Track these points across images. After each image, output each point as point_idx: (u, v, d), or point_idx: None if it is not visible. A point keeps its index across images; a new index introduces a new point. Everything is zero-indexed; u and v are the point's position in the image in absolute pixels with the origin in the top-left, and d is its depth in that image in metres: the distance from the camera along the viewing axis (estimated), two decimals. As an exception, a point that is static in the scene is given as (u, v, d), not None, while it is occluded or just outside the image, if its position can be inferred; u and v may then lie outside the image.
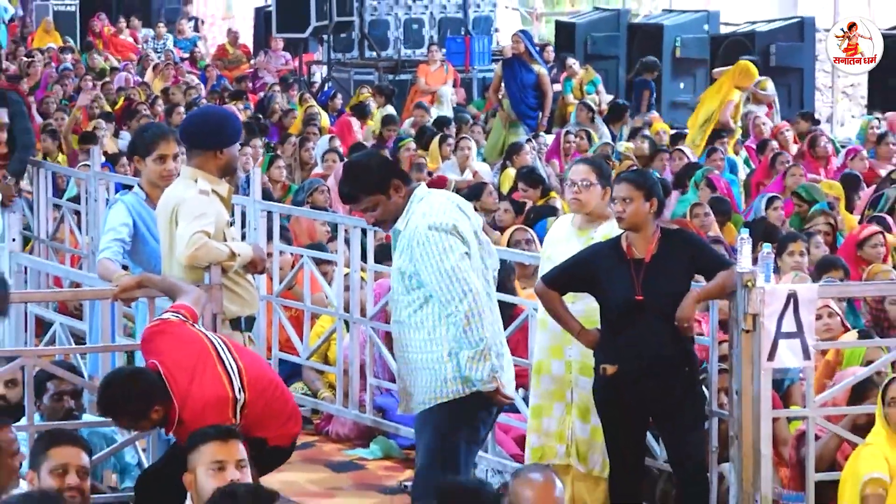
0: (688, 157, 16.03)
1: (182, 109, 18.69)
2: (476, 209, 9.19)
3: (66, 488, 6.19)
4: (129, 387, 7.07)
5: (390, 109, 20.45)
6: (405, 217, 7.41)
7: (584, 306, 8.26)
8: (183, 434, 6.97)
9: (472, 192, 13.58)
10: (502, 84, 19.57)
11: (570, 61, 22.59)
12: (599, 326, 8.14)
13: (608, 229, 8.43)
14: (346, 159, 14.11)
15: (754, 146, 17.77)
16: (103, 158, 14.23)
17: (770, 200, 13.62)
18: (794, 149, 17.23)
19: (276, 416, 7.47)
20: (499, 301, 7.84)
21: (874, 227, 11.69)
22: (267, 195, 12.57)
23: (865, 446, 7.84)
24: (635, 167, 14.21)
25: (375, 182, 7.45)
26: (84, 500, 6.34)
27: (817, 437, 8.34)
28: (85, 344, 9.24)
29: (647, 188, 8.02)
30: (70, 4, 31.54)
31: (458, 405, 7.42)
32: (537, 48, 21.87)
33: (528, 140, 17.83)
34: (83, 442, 6.59)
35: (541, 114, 19.53)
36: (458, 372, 7.32)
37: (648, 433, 8.39)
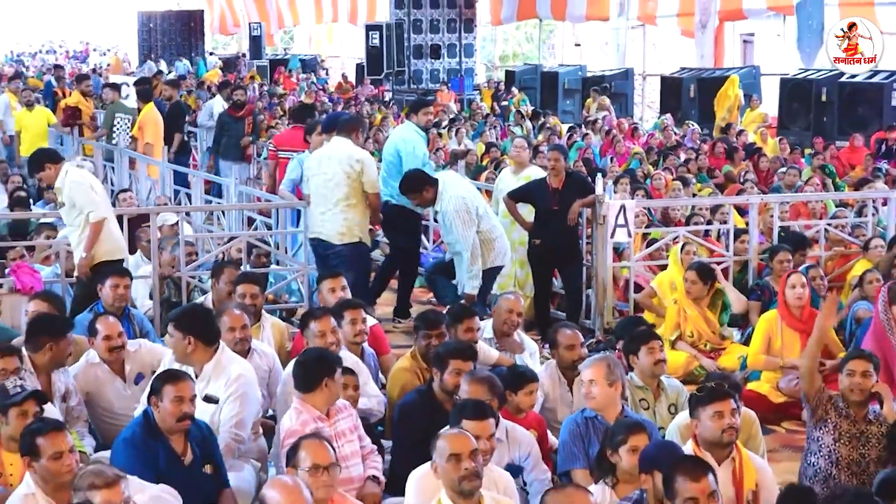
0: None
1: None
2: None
3: (245, 304, 5.86)
4: None
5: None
6: (439, 202, 7.25)
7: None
8: None
9: (462, 154, 13.30)
10: None
11: (514, 90, 22.07)
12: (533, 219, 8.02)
13: (527, 173, 8.33)
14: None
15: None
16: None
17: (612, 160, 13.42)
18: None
19: None
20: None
21: (662, 171, 11.52)
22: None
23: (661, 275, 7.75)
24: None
25: (414, 188, 7.31)
26: (258, 308, 6.08)
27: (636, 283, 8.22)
28: (272, 230, 9.07)
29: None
30: (264, 62, 31.22)
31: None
32: (497, 84, 21.68)
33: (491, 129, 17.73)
34: (258, 278, 6.34)
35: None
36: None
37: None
